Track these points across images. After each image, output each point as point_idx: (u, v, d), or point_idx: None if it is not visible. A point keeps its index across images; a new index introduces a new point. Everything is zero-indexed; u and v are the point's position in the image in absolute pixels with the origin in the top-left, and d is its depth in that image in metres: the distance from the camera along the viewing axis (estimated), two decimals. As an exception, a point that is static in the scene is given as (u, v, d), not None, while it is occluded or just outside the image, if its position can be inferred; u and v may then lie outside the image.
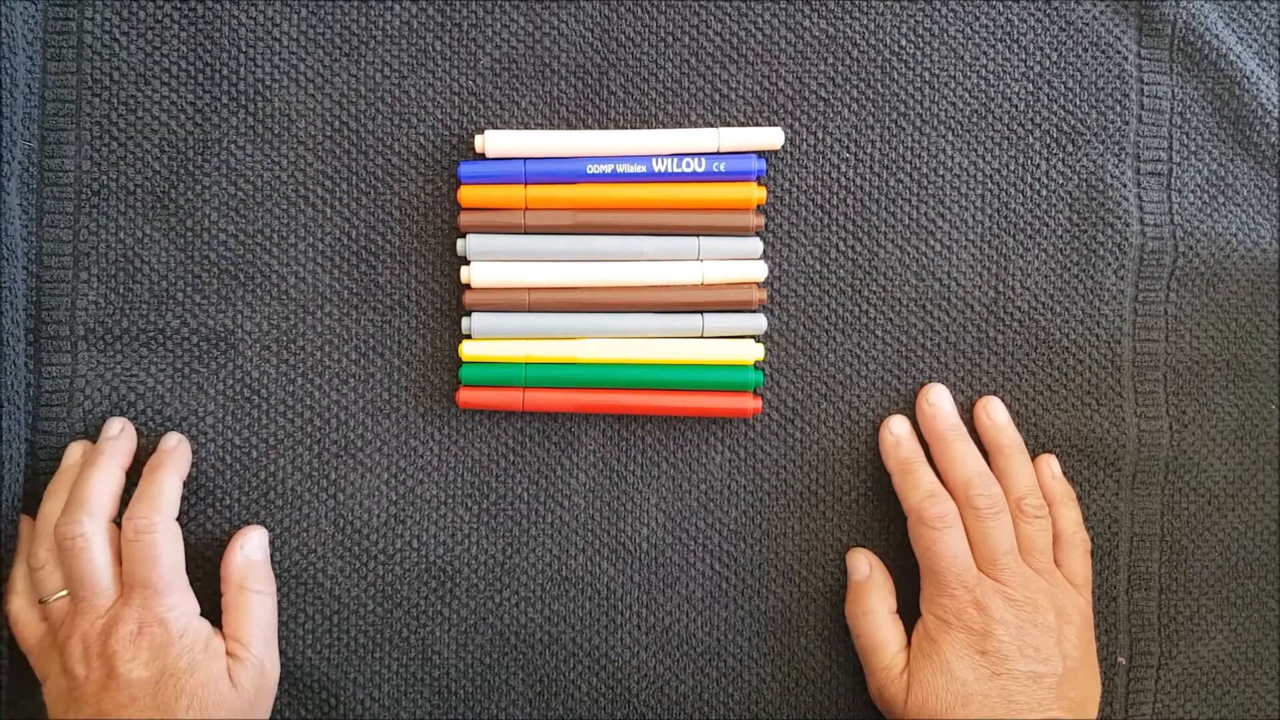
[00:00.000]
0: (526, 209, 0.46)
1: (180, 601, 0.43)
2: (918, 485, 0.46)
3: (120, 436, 0.45)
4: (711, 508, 0.48)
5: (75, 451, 0.46)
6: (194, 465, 0.46)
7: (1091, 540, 0.48)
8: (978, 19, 0.48)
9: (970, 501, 0.45)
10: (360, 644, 0.47)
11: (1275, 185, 0.50)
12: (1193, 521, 0.49)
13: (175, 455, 0.45)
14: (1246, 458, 0.49)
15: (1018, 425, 0.48)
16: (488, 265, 0.46)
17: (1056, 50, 0.48)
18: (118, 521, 0.44)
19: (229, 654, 0.43)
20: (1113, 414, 0.48)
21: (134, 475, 0.45)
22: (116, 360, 0.46)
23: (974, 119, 0.48)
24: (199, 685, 0.41)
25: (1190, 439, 0.49)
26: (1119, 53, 0.48)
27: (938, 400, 0.47)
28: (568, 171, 0.46)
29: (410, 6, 0.47)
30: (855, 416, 0.48)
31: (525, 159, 0.46)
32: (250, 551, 0.46)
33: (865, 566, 0.47)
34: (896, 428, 0.47)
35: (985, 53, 0.48)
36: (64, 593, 0.43)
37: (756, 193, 0.46)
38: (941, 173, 0.48)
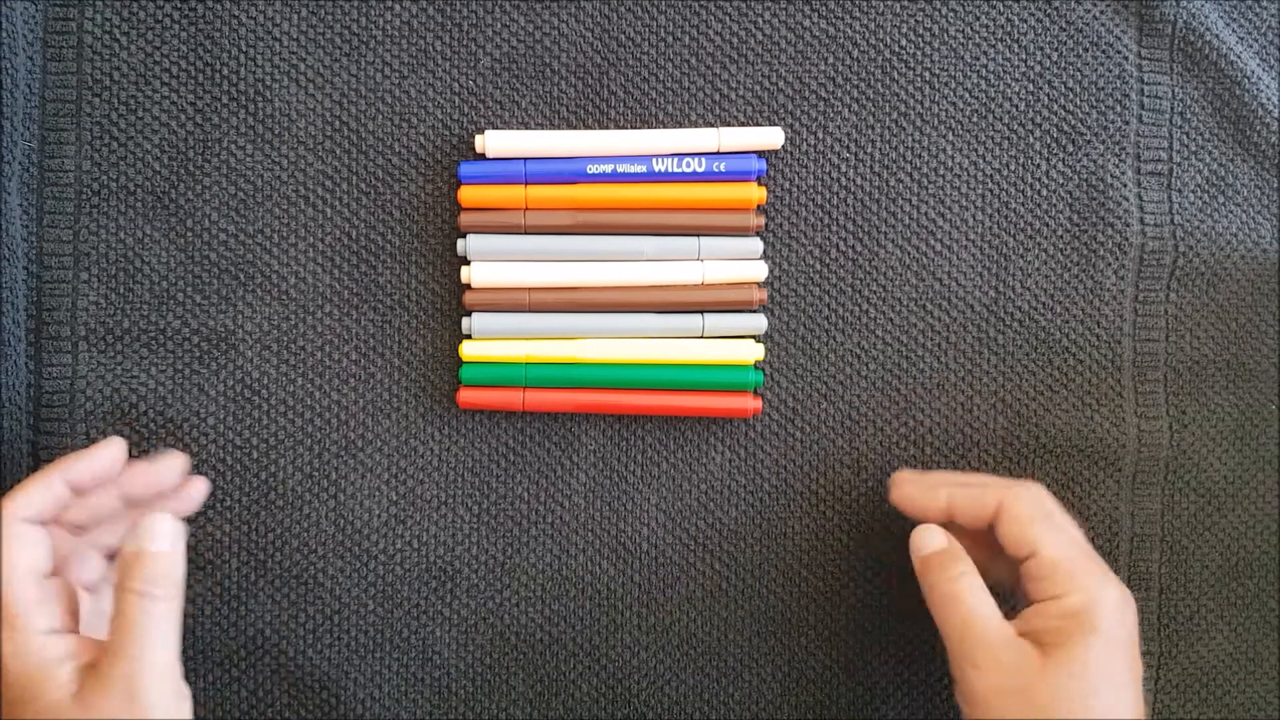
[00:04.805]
0: (526, 209, 0.46)
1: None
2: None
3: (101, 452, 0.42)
4: (711, 508, 0.48)
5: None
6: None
7: (1092, 540, 0.48)
8: (978, 19, 0.48)
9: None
10: (360, 644, 0.47)
11: (1275, 185, 0.50)
12: (1193, 521, 0.49)
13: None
14: (1246, 458, 0.49)
15: (1018, 425, 0.48)
16: (488, 265, 0.46)
17: (1056, 50, 0.48)
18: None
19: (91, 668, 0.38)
20: (1113, 414, 0.48)
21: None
22: (117, 361, 0.46)
23: (974, 119, 0.48)
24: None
25: (1190, 439, 0.49)
26: (1119, 53, 0.48)
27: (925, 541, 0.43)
28: (568, 171, 0.46)
29: (410, 6, 0.47)
30: (855, 416, 0.48)
31: (525, 159, 0.46)
32: (153, 543, 0.39)
33: (942, 537, 0.42)
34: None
35: (985, 53, 0.48)
36: None
37: (756, 193, 0.46)
38: (941, 173, 0.48)
